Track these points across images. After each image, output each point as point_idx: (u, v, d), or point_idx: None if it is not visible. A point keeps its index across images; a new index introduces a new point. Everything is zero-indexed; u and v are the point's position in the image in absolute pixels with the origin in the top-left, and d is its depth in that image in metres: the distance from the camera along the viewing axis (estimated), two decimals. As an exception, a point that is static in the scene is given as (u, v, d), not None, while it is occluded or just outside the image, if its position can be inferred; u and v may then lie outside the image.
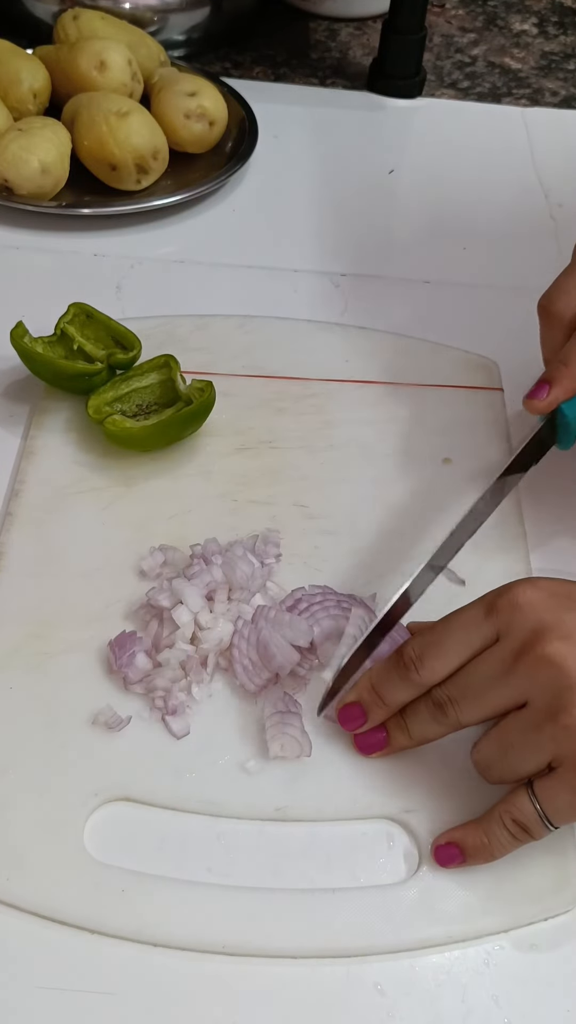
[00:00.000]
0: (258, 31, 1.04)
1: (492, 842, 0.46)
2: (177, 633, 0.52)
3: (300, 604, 0.54)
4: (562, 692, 0.44)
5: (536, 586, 0.46)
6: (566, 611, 0.45)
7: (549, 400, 0.55)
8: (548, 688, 0.44)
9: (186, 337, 0.70)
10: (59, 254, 0.77)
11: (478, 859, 0.47)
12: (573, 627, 0.45)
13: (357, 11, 1.07)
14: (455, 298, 0.77)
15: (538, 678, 0.44)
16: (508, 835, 0.46)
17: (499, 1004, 0.44)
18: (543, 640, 0.44)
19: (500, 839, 0.46)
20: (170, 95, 0.82)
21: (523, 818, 0.45)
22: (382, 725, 0.50)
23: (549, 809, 0.45)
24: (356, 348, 0.71)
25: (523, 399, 0.56)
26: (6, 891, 0.45)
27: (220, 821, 0.48)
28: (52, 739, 0.50)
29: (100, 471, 0.61)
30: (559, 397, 0.55)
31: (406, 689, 0.48)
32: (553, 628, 0.44)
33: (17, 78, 0.81)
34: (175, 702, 0.51)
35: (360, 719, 0.50)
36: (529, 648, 0.44)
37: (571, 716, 0.43)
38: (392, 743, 0.49)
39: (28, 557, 0.57)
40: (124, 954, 0.44)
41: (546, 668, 0.44)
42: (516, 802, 0.46)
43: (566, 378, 0.55)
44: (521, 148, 0.93)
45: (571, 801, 0.44)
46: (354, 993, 0.44)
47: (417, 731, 0.49)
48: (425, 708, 0.48)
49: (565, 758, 0.44)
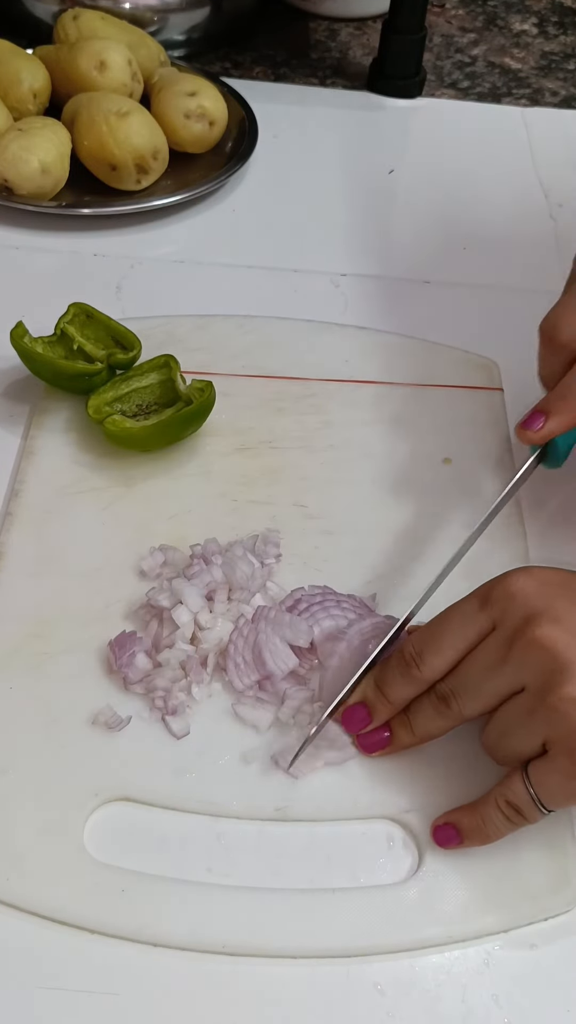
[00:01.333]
0: (258, 31, 1.04)
1: (487, 824, 0.47)
2: (177, 633, 0.52)
3: (300, 604, 0.54)
4: (552, 674, 0.44)
5: (530, 574, 0.47)
6: (558, 598, 0.46)
7: (544, 433, 0.55)
8: (539, 671, 0.44)
9: (186, 337, 0.70)
10: (59, 254, 0.77)
11: (474, 840, 0.47)
12: (563, 611, 0.45)
13: (357, 11, 1.07)
14: (455, 298, 0.77)
15: (529, 662, 0.45)
16: (503, 817, 0.46)
17: (499, 1004, 0.44)
18: (533, 624, 0.45)
19: (495, 821, 0.46)
20: (170, 95, 0.82)
21: (516, 800, 0.46)
22: (385, 724, 0.50)
23: (542, 792, 0.45)
24: (356, 348, 0.71)
25: (516, 427, 0.56)
26: (6, 891, 0.45)
27: (220, 821, 0.48)
28: (52, 739, 0.50)
29: (100, 471, 0.61)
30: (554, 431, 0.55)
31: (408, 686, 0.48)
32: (543, 613, 0.45)
33: (17, 78, 0.81)
34: (175, 702, 0.51)
35: (365, 720, 0.50)
36: (520, 634, 0.45)
37: (559, 697, 0.43)
38: (396, 742, 0.50)
39: (28, 557, 0.57)
40: (124, 954, 0.44)
41: (536, 651, 0.44)
42: (511, 785, 0.46)
43: (563, 412, 0.54)
44: (521, 148, 0.93)
45: (562, 784, 0.45)
46: (354, 993, 0.44)
47: (421, 727, 0.49)
48: (429, 703, 0.48)
49: (556, 740, 0.44)
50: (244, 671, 0.52)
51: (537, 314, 0.57)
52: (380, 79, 0.97)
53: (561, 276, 0.76)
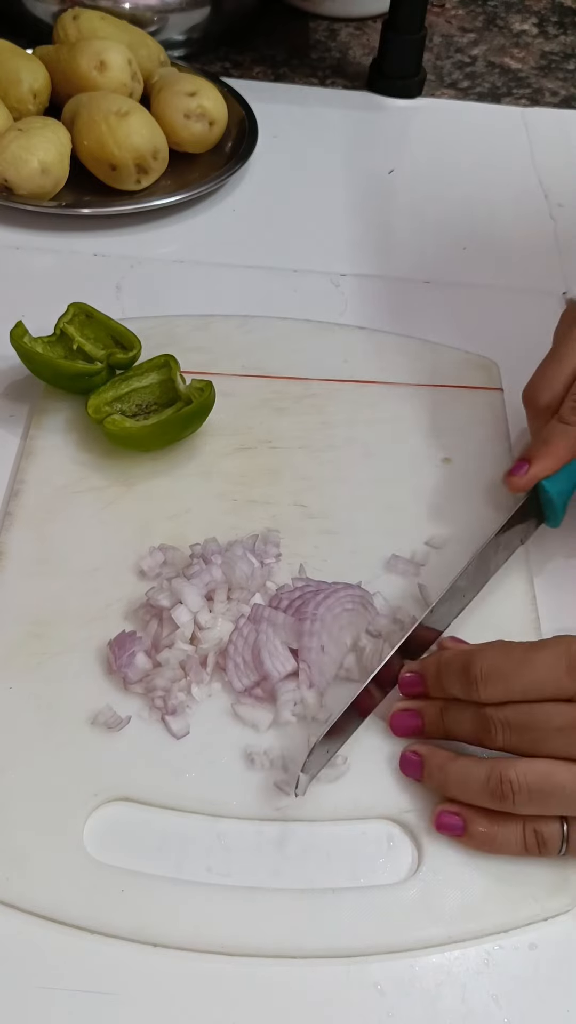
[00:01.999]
0: (258, 31, 1.04)
1: (501, 837, 0.46)
2: (176, 633, 0.52)
3: (282, 602, 0.54)
4: None
5: None
6: None
7: (528, 477, 0.57)
8: None
9: (186, 337, 0.70)
10: (59, 254, 0.77)
11: (479, 844, 0.47)
12: None
13: (357, 11, 1.07)
14: (455, 298, 0.77)
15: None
16: (521, 840, 0.46)
17: (499, 1004, 0.44)
18: None
19: (513, 839, 0.46)
20: (170, 95, 0.82)
21: (546, 833, 0.46)
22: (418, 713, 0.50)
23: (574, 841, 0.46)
24: (356, 348, 0.71)
25: (503, 476, 0.58)
26: (6, 891, 0.45)
27: (220, 821, 0.48)
28: (52, 739, 0.50)
29: (100, 471, 0.61)
30: (538, 474, 0.57)
31: (459, 692, 0.48)
32: None
33: (17, 78, 0.81)
34: (175, 702, 0.51)
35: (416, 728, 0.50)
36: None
37: None
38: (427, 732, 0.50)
39: (28, 557, 0.57)
40: (124, 954, 0.44)
41: None
42: (548, 821, 0.46)
43: (545, 456, 0.57)
44: (521, 148, 0.93)
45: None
46: (354, 993, 0.44)
47: (454, 728, 0.49)
48: (471, 719, 0.48)
49: None
50: (244, 671, 0.52)
51: (537, 314, 0.57)
52: (380, 79, 0.97)
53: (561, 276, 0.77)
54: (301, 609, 0.53)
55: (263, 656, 0.51)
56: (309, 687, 0.51)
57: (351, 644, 0.53)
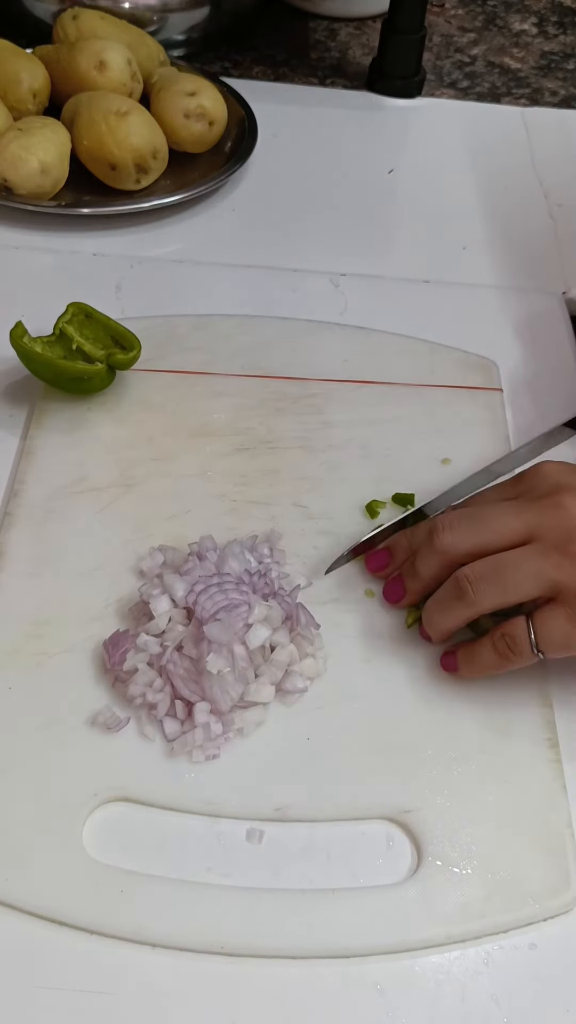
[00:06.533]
0: (258, 31, 1.04)
1: (478, 657, 0.51)
2: (150, 624, 0.52)
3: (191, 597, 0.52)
4: (570, 530, 0.49)
5: (563, 463, 0.53)
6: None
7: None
8: (557, 526, 0.49)
9: (185, 337, 0.70)
10: (59, 254, 0.77)
11: (465, 670, 0.52)
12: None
13: (357, 11, 1.07)
14: (455, 298, 0.77)
15: (548, 517, 0.50)
16: (495, 650, 0.50)
17: (499, 1004, 0.44)
18: (559, 493, 0.50)
19: (487, 652, 0.51)
20: (170, 95, 0.82)
21: (513, 632, 0.49)
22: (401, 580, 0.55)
23: (542, 634, 0.49)
24: (356, 348, 0.71)
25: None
26: (5, 891, 0.45)
27: (220, 821, 0.48)
28: (51, 739, 0.50)
29: (100, 471, 0.61)
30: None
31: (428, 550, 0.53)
32: (571, 487, 0.50)
33: (17, 78, 0.81)
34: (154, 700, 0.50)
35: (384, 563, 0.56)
36: (544, 497, 0.51)
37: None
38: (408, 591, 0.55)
39: (27, 557, 0.57)
40: (123, 954, 0.44)
41: (556, 510, 0.50)
42: (512, 623, 0.50)
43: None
44: (521, 148, 0.93)
45: (565, 629, 0.49)
46: (354, 993, 0.44)
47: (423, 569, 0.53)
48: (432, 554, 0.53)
49: (565, 587, 0.48)
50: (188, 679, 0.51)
51: (537, 314, 0.57)
52: (380, 79, 0.97)
53: (561, 276, 0.76)
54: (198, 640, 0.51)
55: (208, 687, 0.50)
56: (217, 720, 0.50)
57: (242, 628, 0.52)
